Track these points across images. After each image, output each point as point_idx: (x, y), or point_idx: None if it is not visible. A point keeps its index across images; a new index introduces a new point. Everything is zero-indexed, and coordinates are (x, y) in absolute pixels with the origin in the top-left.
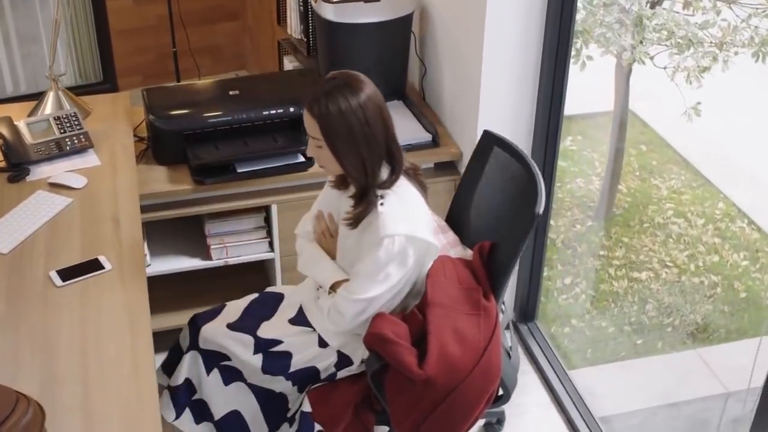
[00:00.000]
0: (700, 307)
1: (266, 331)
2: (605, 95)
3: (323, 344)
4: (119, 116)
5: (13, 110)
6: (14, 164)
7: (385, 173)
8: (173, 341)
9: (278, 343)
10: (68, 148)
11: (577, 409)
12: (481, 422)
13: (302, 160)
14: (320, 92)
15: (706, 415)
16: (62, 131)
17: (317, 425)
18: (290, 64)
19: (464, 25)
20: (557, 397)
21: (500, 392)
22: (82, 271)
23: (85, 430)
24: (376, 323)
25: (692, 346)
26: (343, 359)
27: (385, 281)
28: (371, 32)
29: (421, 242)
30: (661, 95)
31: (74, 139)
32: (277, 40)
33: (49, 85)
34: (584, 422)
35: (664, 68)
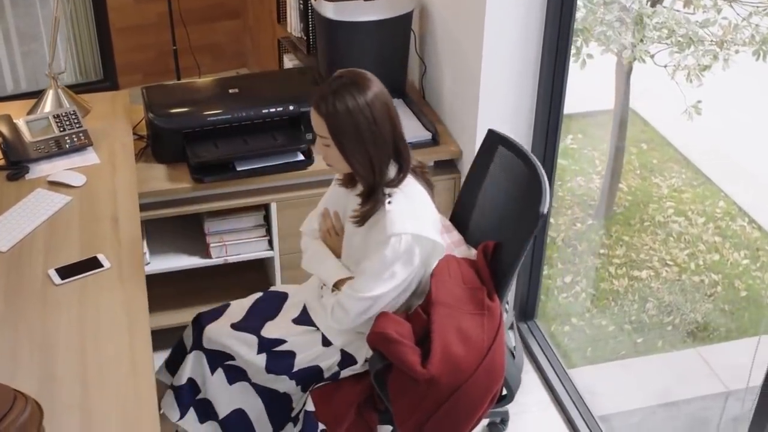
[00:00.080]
0: (700, 305)
1: (270, 330)
2: (606, 94)
3: (327, 343)
4: (119, 114)
5: (12, 108)
6: (13, 162)
7: (392, 171)
8: (173, 339)
9: (282, 342)
10: (67, 146)
11: (576, 408)
12: (485, 422)
13: (302, 158)
14: (327, 90)
15: (706, 413)
16: (62, 129)
17: (321, 425)
18: (290, 62)
19: (464, 23)
20: (557, 396)
21: (504, 392)
22: (80, 269)
23: (83, 428)
24: (379, 322)
25: (692, 344)
26: (346, 358)
27: (390, 280)
28: (371, 30)
29: (427, 241)
30: (661, 94)
31: (73, 137)
32: (277, 38)
33: (49, 83)
34: (584, 421)
35: (664, 67)
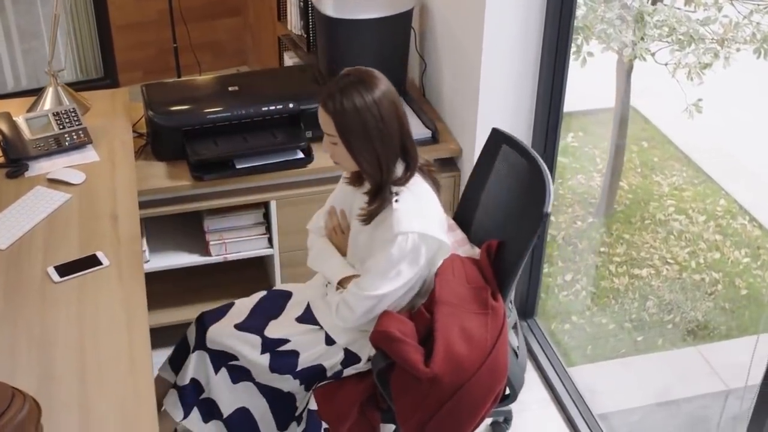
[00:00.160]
0: (700, 304)
1: (274, 330)
2: (606, 92)
3: (330, 342)
4: (118, 112)
5: (12, 105)
6: (13, 160)
7: (399, 170)
8: (173, 337)
9: (285, 342)
10: (67, 143)
11: (576, 406)
12: (488, 421)
13: (301, 156)
14: (335, 88)
15: (706, 412)
16: (61, 127)
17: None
18: (290, 60)
19: (464, 21)
20: (556, 394)
21: (507, 391)
22: (79, 266)
23: (81, 425)
24: (382, 321)
25: (693, 343)
26: (349, 357)
27: (396, 278)
28: (371, 28)
29: (433, 240)
30: (662, 92)
31: (73, 134)
32: (277, 35)
33: (49, 80)
34: (583, 420)
35: (665, 65)
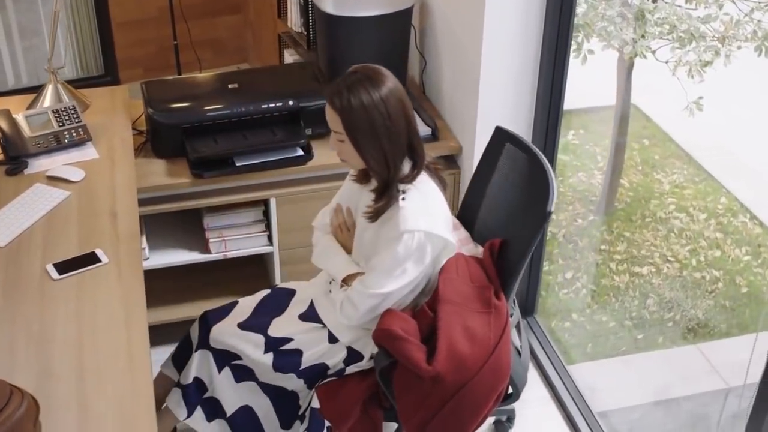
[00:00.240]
0: (701, 302)
1: (277, 328)
2: (607, 89)
3: (333, 340)
4: (118, 109)
5: (12, 103)
6: (12, 157)
7: (406, 167)
8: (172, 334)
9: (289, 341)
10: (66, 141)
11: (575, 404)
12: (491, 420)
13: (301, 153)
14: (342, 86)
15: (706, 410)
16: (61, 124)
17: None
18: (291, 57)
19: (464, 18)
20: (556, 392)
21: (510, 390)
22: (78, 264)
23: (79, 422)
24: (385, 319)
25: (693, 341)
26: (352, 354)
27: (401, 277)
28: (371, 25)
29: (439, 239)
30: (663, 90)
31: (72, 132)
32: (277, 33)
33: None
34: (583, 417)
35: (666, 62)
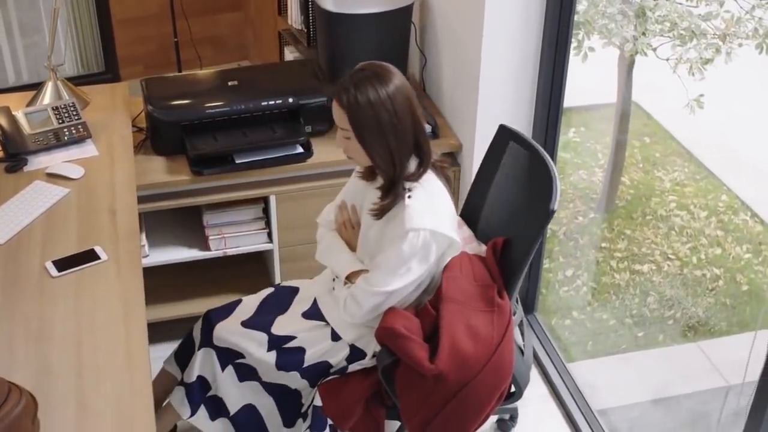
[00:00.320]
0: (701, 300)
1: (280, 327)
2: (608, 87)
3: (336, 338)
4: (118, 106)
5: (11, 100)
6: (12, 154)
7: (413, 165)
8: (172, 332)
9: (292, 339)
10: (66, 138)
11: (575, 402)
12: (493, 418)
13: (301, 150)
14: (349, 83)
15: (706, 408)
16: (60, 121)
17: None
18: (291, 54)
19: (464, 15)
20: (556, 390)
21: (512, 389)
22: (78, 261)
23: (78, 419)
24: (387, 318)
25: (693, 339)
26: (355, 352)
27: (406, 275)
28: (371, 23)
29: (444, 238)
30: (663, 87)
31: (72, 129)
32: (278, 30)
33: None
34: (582, 415)
35: (666, 60)
